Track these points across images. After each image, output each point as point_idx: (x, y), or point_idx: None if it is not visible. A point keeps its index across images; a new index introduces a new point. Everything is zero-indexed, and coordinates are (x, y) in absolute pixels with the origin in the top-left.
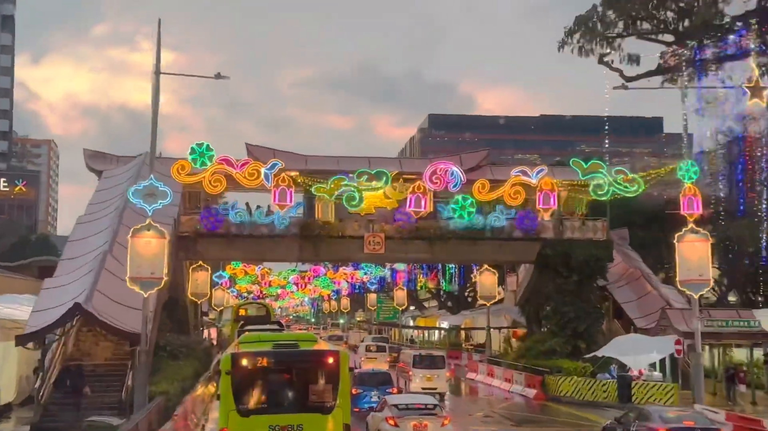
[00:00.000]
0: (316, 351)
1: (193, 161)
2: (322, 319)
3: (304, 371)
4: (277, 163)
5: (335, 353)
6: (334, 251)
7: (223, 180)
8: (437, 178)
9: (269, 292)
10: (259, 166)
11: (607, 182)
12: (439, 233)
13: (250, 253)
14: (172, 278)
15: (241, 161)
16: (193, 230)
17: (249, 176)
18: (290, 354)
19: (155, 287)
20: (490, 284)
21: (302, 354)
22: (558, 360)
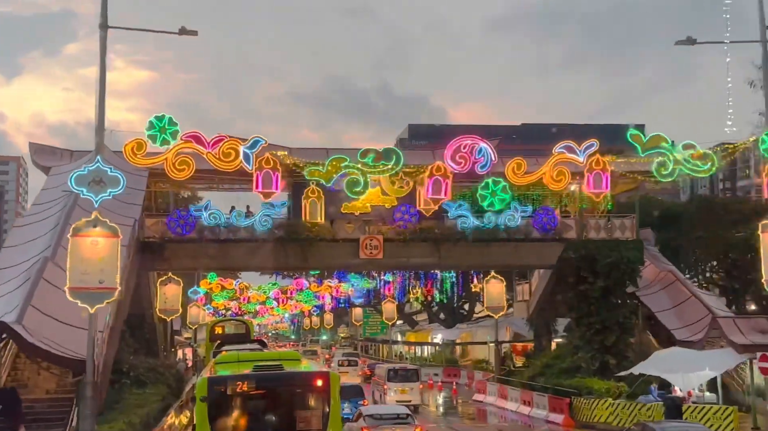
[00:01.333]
0: (303, 373)
1: (151, 138)
2: (303, 336)
3: (289, 395)
4: (260, 140)
5: (324, 374)
6: (326, 257)
7: (191, 163)
8: (461, 157)
9: (248, 308)
10: (237, 144)
11: (673, 159)
12: (446, 235)
13: (227, 260)
14: (137, 292)
15: (214, 138)
16: (159, 235)
17: (224, 157)
18: (274, 377)
19: (105, 300)
20: (498, 293)
21: (287, 376)
22: (585, 379)
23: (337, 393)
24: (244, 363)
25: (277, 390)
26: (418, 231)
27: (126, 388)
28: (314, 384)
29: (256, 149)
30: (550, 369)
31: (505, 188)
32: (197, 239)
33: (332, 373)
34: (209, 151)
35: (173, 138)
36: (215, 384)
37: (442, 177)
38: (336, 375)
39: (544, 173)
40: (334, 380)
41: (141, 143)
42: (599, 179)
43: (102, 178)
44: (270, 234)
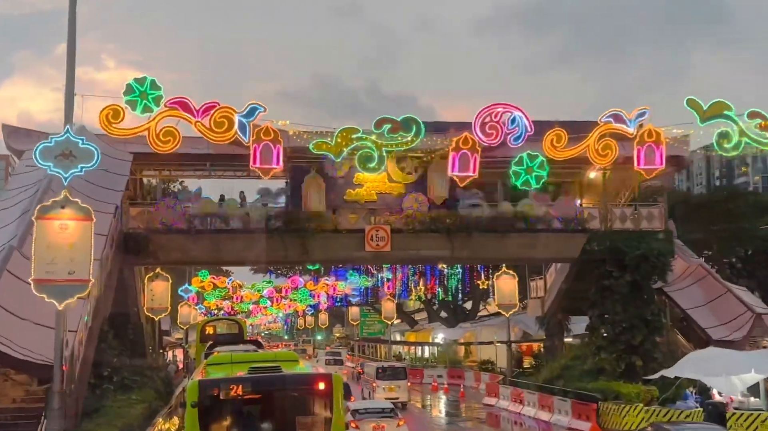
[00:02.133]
0: (304, 375)
1: (130, 104)
2: (297, 336)
3: (289, 400)
4: (258, 107)
5: (326, 376)
6: (328, 250)
7: (177, 134)
8: (492, 127)
9: (241, 308)
10: (231, 112)
11: (738, 129)
12: (460, 225)
13: (219, 254)
14: (121, 288)
15: (204, 105)
16: (144, 225)
17: (216, 128)
18: (271, 380)
19: (76, 294)
20: (510, 289)
21: (286, 378)
22: (611, 383)
23: (340, 397)
24: (238, 364)
25: (274, 394)
26: (428, 221)
27: (108, 394)
28: (315, 387)
29: (253, 118)
30: (569, 371)
31: (543, 164)
32: (187, 230)
33: (335, 375)
34: (199, 120)
35: (156, 104)
36: (207, 388)
37: (469, 151)
38: (339, 378)
39: (588, 145)
40: (337, 383)
41: (118, 110)
42: (652, 153)
43: (72, 151)
44: (267, 225)
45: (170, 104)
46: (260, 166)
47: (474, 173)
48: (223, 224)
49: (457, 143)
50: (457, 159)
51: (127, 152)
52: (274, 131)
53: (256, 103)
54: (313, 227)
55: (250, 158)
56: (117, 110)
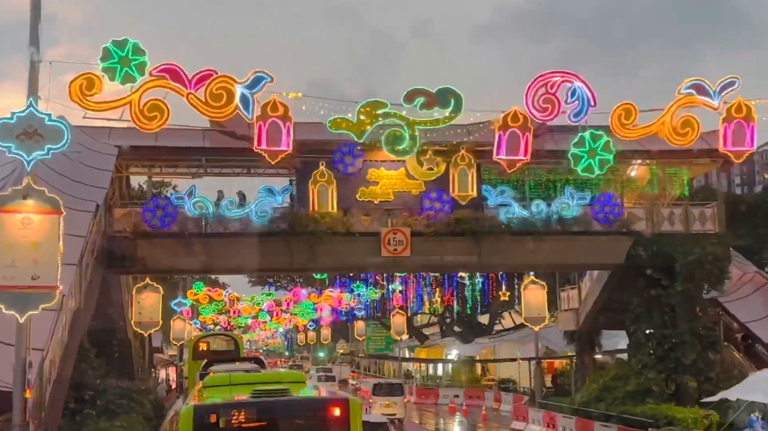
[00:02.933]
0: (316, 400)
1: (108, 72)
2: (297, 352)
3: (300, 429)
4: (264, 76)
5: (342, 401)
6: (339, 255)
7: (165, 109)
8: (547, 100)
9: (238, 323)
10: (231, 82)
11: None
12: (488, 227)
13: (216, 260)
14: (104, 299)
15: (199, 74)
16: (131, 228)
17: (213, 101)
18: (278, 405)
19: (41, 304)
20: (538, 301)
21: (296, 403)
22: (662, 406)
23: (358, 425)
24: (238, 386)
25: (282, 421)
26: (452, 223)
27: (90, 420)
28: (330, 413)
29: (258, 89)
30: (610, 392)
31: (608, 146)
32: (179, 233)
33: (352, 400)
34: (192, 91)
35: (140, 73)
36: (203, 415)
37: (520, 129)
38: (358, 403)
39: (664, 122)
40: (354, 408)
41: (92, 80)
42: (741, 131)
43: (37, 129)
44: (270, 227)
45: (157, 73)
46: (267, 148)
47: (526, 156)
48: (221, 227)
49: (505, 119)
50: (505, 140)
51: (111, 146)
52: (283, 105)
53: (261, 71)
54: (322, 230)
55: (255, 138)
56: (92, 80)
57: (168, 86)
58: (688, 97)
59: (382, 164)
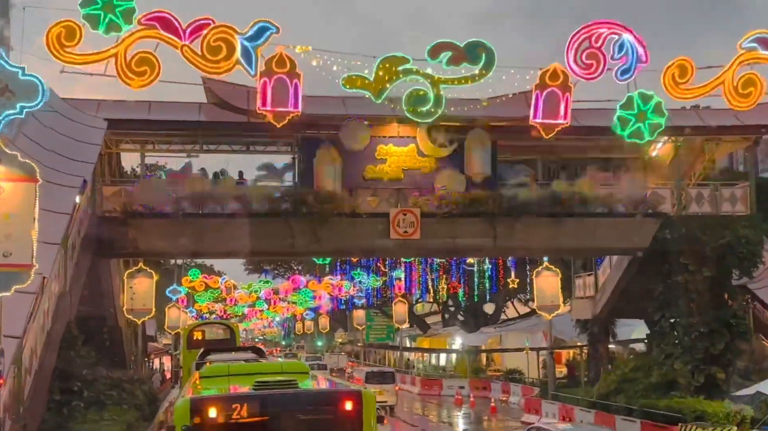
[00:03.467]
0: (326, 393)
1: (90, 20)
2: (295, 342)
3: (305, 424)
4: (269, 26)
5: (354, 394)
6: (344, 238)
7: (155, 64)
8: (591, 55)
9: (235, 311)
10: (231, 33)
11: None
12: (505, 208)
13: (212, 242)
14: (93, 285)
15: (194, 24)
16: (121, 208)
17: (210, 54)
18: (284, 398)
19: (13, 284)
20: (552, 288)
21: (303, 396)
22: (688, 400)
23: (372, 420)
24: (238, 377)
25: (288, 416)
26: (466, 204)
27: (78, 413)
28: (341, 407)
29: (261, 42)
30: (631, 384)
31: (660, 108)
32: (173, 213)
33: (366, 393)
34: (186, 43)
35: (126, 21)
36: (201, 409)
37: (560, 89)
38: (371, 395)
39: (724, 80)
40: (368, 402)
41: (73, 29)
42: None
43: (8, 84)
44: (270, 208)
45: (146, 21)
46: (272, 109)
47: (565, 120)
48: (218, 207)
49: (542, 78)
50: (542, 100)
51: (100, 119)
52: (290, 59)
53: (265, 21)
54: (326, 210)
55: (258, 97)
56: (72, 28)
57: (159, 37)
58: (751, 53)
59: (391, 141)
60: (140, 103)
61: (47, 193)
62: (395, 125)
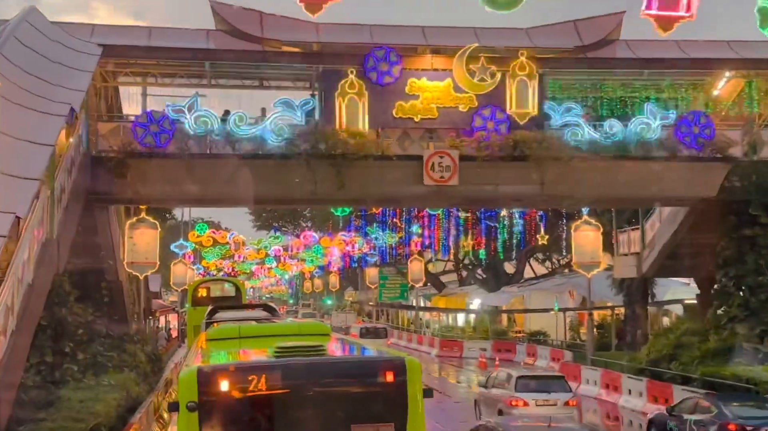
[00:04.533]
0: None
1: None
2: (303, 300)
3: (337, 398)
4: None
5: (396, 362)
6: (372, 183)
7: None
8: None
9: (243, 269)
10: None
11: None
12: (554, 151)
13: (222, 187)
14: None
15: None
16: (119, 147)
17: None
18: (311, 368)
19: None
20: (592, 244)
21: (335, 366)
22: (760, 368)
23: (418, 393)
24: (250, 340)
25: (314, 389)
26: (510, 146)
27: (70, 377)
28: (380, 378)
29: None
30: (685, 350)
31: None
32: (178, 154)
33: (410, 360)
34: None
35: None
36: (210, 381)
37: None
38: (416, 364)
39: None
40: (412, 371)
41: None
42: None
43: None
44: (288, 148)
45: None
46: None
47: (688, 13)
48: (229, 148)
49: None
50: None
51: (94, 45)
52: None
53: None
54: (352, 152)
55: None
56: None
57: None
58: None
59: (424, 74)
60: (140, 29)
61: (26, 122)
62: (429, 57)
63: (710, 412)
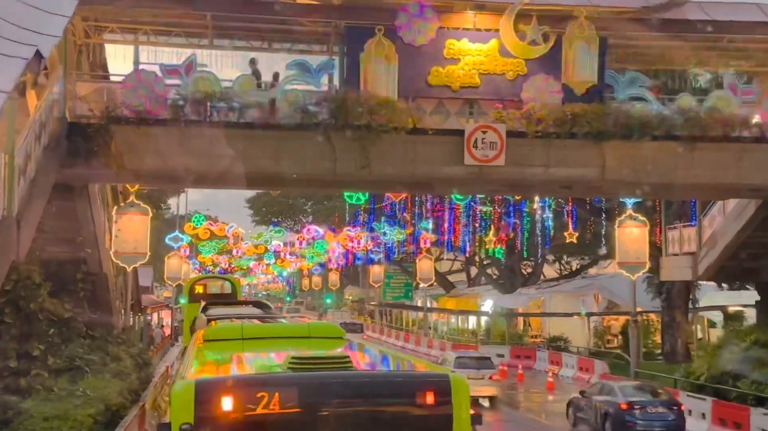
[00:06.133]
0: (397, 379)
1: None
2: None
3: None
4: None
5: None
6: (403, 162)
7: None
8: None
9: (240, 265)
10: None
11: None
12: (618, 127)
13: (224, 163)
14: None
15: None
16: (102, 112)
17: None
18: (337, 385)
19: None
20: (638, 243)
21: (365, 383)
22: None
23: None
24: (253, 341)
25: (339, 412)
26: (566, 120)
27: (41, 386)
28: (419, 399)
29: None
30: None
31: None
32: (172, 121)
33: (455, 378)
34: None
35: None
36: (210, 397)
37: None
38: (462, 383)
39: None
40: (458, 391)
41: None
42: None
43: None
44: (305, 117)
45: None
46: None
47: None
48: (233, 115)
49: None
50: None
51: None
52: None
53: None
54: (379, 124)
55: None
56: None
57: None
58: None
59: (465, 34)
60: None
61: None
62: (471, 14)
63: (612, 394)
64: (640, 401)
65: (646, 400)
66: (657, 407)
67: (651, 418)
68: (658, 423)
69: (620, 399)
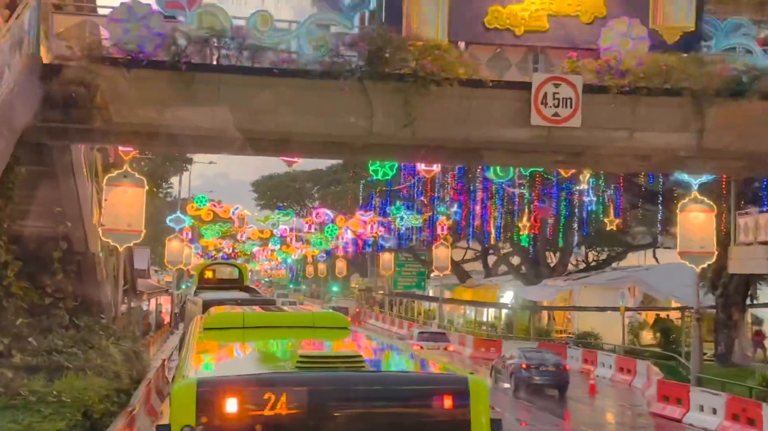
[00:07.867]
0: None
1: None
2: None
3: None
4: None
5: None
6: (453, 121)
7: None
8: None
9: (243, 250)
10: None
11: None
12: (719, 84)
13: (233, 117)
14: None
15: None
16: (85, 51)
17: None
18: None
19: None
20: (704, 230)
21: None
22: None
23: (484, 424)
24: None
25: (350, 414)
26: (656, 74)
27: (3, 388)
28: (434, 402)
29: None
30: None
31: None
32: (170, 63)
33: (474, 380)
34: None
35: None
36: (214, 398)
37: None
38: (482, 385)
39: None
40: (477, 395)
41: None
42: None
43: None
44: (333, 63)
45: None
46: None
47: None
48: (246, 60)
49: None
50: None
51: None
52: None
53: None
54: (425, 72)
55: None
56: None
57: None
58: None
59: None
60: None
61: None
62: None
63: (517, 358)
64: (535, 362)
65: (540, 361)
66: (548, 367)
67: (543, 375)
68: (547, 377)
69: (522, 361)
